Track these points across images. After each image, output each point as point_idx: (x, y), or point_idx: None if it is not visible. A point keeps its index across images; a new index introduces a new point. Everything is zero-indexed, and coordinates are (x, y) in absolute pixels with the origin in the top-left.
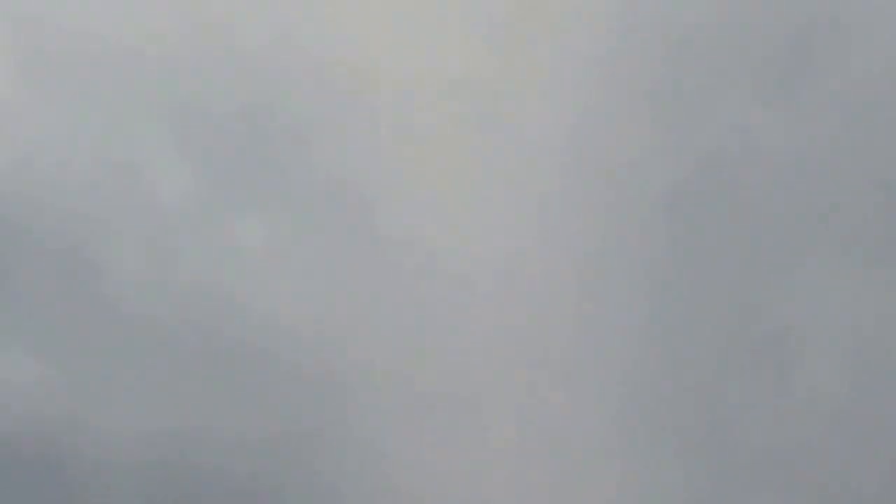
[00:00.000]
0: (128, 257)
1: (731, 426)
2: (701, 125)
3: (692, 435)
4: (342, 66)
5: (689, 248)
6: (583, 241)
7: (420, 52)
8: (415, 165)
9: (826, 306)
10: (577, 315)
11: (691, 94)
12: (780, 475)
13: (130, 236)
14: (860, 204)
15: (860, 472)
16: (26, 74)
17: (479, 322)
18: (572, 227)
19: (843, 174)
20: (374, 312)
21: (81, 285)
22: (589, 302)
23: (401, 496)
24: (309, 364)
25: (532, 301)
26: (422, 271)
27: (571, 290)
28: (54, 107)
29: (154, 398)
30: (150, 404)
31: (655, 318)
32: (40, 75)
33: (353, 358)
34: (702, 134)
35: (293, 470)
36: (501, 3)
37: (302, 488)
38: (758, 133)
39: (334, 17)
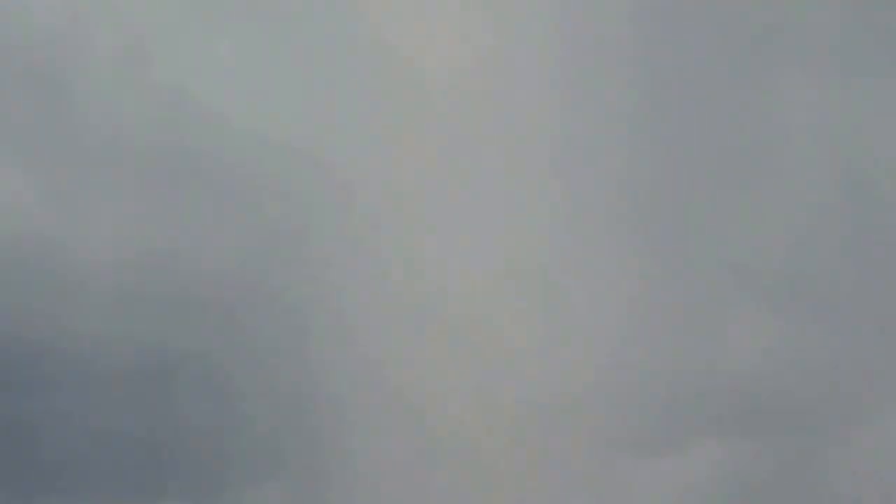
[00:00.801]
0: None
1: (712, 237)
2: None
3: (672, 242)
4: None
5: (674, 64)
6: (573, 52)
7: None
8: None
9: (811, 117)
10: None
11: None
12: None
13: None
14: (842, 15)
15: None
16: None
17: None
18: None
19: None
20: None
21: (56, 102)
22: (576, 111)
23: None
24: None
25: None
26: (395, 79)
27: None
28: None
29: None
30: (127, 211)
31: (639, 129)
32: None
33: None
34: None
35: (269, 275)
36: None
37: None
38: None
39: None
